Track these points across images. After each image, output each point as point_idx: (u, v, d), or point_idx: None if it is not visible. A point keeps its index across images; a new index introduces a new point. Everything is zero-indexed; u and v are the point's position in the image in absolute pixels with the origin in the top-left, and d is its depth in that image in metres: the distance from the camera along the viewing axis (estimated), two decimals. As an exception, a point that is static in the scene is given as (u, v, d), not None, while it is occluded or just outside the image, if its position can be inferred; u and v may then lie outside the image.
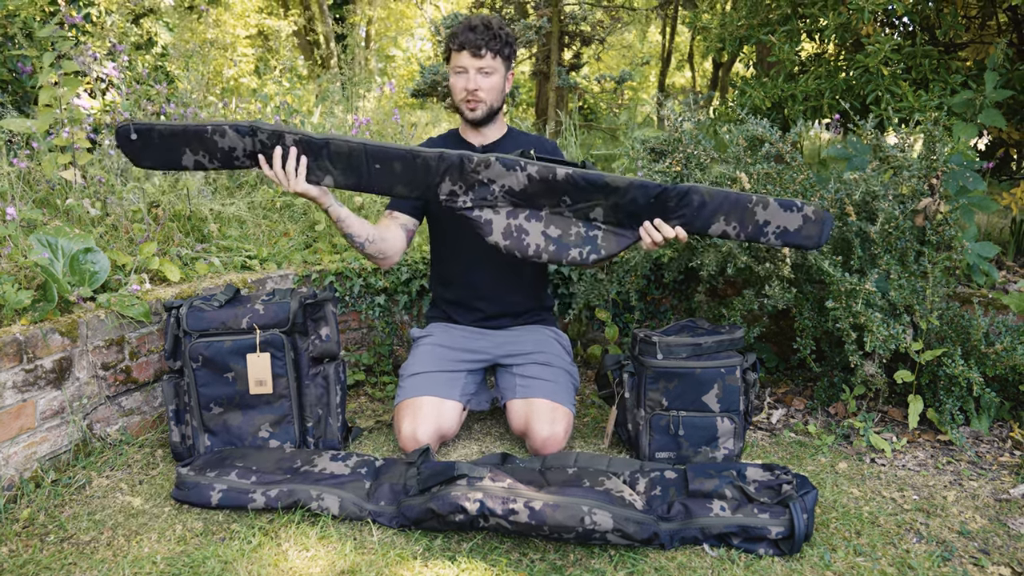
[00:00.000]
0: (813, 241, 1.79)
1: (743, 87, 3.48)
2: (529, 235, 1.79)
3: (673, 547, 1.62)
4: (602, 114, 10.86)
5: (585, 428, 2.35)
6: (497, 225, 1.79)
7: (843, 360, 2.41)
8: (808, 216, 1.77)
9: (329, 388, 2.08)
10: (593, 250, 1.79)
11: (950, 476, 2.00)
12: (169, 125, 1.74)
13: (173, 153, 1.76)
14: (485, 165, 1.76)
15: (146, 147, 1.75)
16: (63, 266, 2.02)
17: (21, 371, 1.80)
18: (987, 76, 2.65)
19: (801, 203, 1.78)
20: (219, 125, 1.73)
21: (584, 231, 1.79)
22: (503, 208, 1.80)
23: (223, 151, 1.75)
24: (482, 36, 2.05)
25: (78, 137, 2.47)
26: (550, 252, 1.79)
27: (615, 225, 1.79)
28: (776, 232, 1.78)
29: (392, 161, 1.76)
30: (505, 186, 1.77)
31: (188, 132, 1.73)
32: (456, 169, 1.76)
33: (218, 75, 7.98)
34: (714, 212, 1.77)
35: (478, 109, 2.12)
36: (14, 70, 3.55)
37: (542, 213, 1.80)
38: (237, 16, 13.43)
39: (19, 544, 1.63)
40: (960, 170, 2.37)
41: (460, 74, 2.09)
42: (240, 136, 1.73)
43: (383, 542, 1.64)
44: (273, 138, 1.73)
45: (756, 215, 1.76)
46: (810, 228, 1.78)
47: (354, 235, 1.94)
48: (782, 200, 1.77)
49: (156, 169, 1.84)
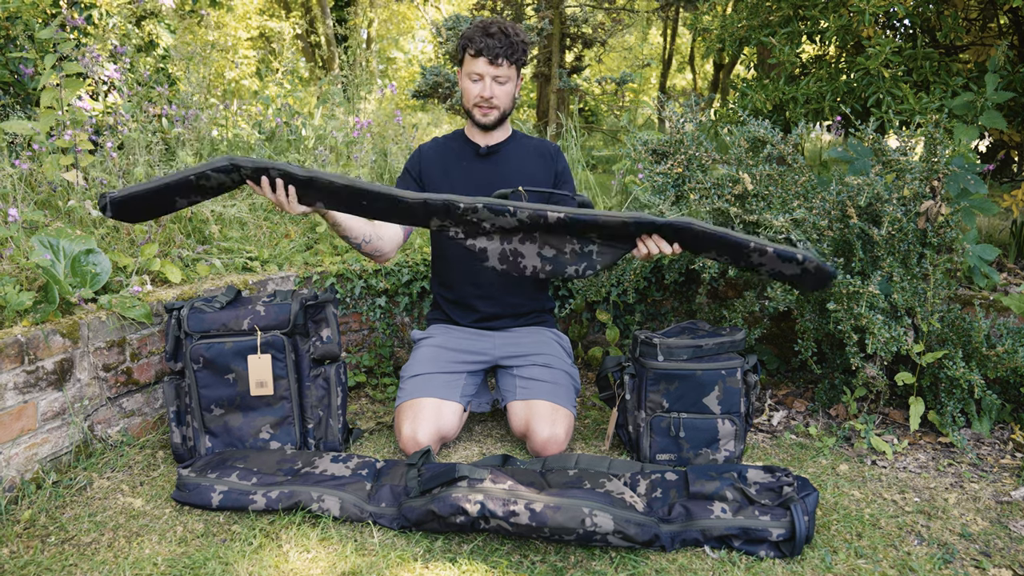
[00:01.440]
0: (807, 288, 1.77)
1: (744, 89, 3.48)
2: (525, 258, 1.77)
3: (674, 549, 1.62)
4: (603, 116, 10.86)
5: (586, 430, 2.35)
6: (492, 252, 1.77)
7: (844, 362, 2.41)
8: (808, 270, 1.71)
9: (330, 390, 2.08)
10: (589, 266, 1.77)
11: (951, 478, 2.00)
12: (148, 186, 1.68)
13: (163, 205, 1.73)
14: (472, 211, 1.71)
15: (134, 210, 1.72)
16: (64, 267, 2.02)
17: (22, 372, 1.80)
18: (988, 78, 2.65)
19: (803, 256, 1.69)
20: (200, 171, 1.66)
21: (579, 247, 1.77)
22: (496, 235, 1.77)
23: (212, 188, 1.72)
24: (500, 44, 2.04)
25: (80, 139, 2.48)
26: (547, 271, 1.78)
27: (610, 240, 1.77)
28: (770, 273, 1.75)
29: (377, 201, 1.72)
30: (496, 225, 1.74)
31: (171, 186, 1.68)
32: (442, 213, 1.72)
33: (219, 77, 8.00)
34: (708, 248, 1.75)
35: (491, 115, 2.12)
36: (16, 72, 3.55)
37: (536, 234, 1.77)
38: (238, 18, 13.45)
39: (20, 545, 1.63)
40: (961, 172, 2.37)
41: (476, 81, 2.09)
42: (226, 175, 1.69)
43: (384, 544, 1.64)
44: (256, 174, 1.70)
45: (751, 258, 1.72)
46: (806, 280, 1.74)
47: (351, 236, 1.96)
48: (782, 250, 1.69)
49: (153, 219, 1.83)
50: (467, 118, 2.20)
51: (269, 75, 6.58)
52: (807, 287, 1.77)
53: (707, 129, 3.77)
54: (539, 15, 8.72)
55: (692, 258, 2.47)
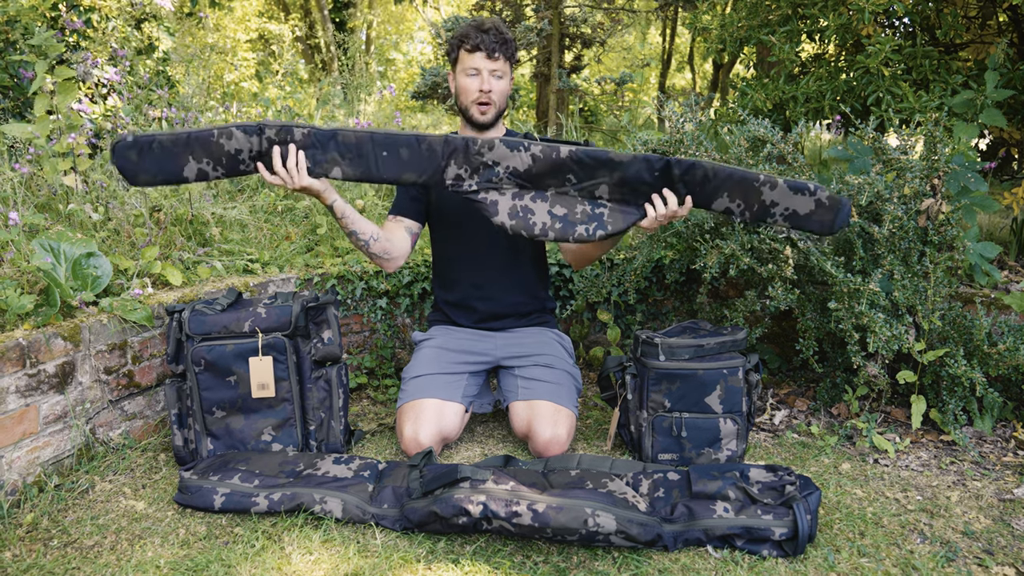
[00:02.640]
0: (826, 228, 1.73)
1: (744, 88, 3.48)
2: (535, 214, 1.81)
3: (677, 549, 1.62)
4: (603, 116, 10.87)
5: (587, 430, 2.35)
6: (503, 206, 1.81)
7: (846, 361, 2.41)
8: (822, 201, 1.71)
9: (331, 391, 2.08)
10: (600, 226, 1.80)
11: (953, 476, 2.00)
12: (171, 133, 1.68)
13: (174, 164, 1.69)
14: (489, 147, 1.78)
15: (144, 161, 1.68)
16: (65, 271, 2.02)
17: (24, 376, 1.80)
18: (988, 76, 2.65)
19: (815, 186, 1.70)
20: (225, 127, 1.70)
21: (590, 209, 1.80)
22: (508, 190, 1.81)
23: (229, 155, 1.72)
24: (495, 39, 2.05)
25: (79, 143, 2.48)
26: (556, 230, 1.80)
27: (620, 202, 1.80)
28: (784, 214, 1.73)
29: (399, 147, 1.77)
30: (510, 167, 1.79)
31: (192, 138, 1.69)
32: (461, 152, 1.78)
33: (219, 79, 8.00)
34: (718, 188, 1.74)
35: (488, 112, 2.11)
36: (15, 76, 3.55)
37: (547, 193, 1.81)
38: (238, 20, 13.46)
39: (23, 549, 1.63)
40: (961, 170, 2.37)
41: (473, 76, 2.08)
42: (247, 136, 1.71)
43: (386, 545, 1.64)
44: (282, 133, 1.72)
45: (762, 195, 1.72)
46: (823, 214, 1.72)
47: (358, 232, 1.94)
48: (792, 182, 1.71)
49: (154, 185, 1.73)
50: (462, 118, 2.18)
51: (269, 77, 6.58)
52: (825, 226, 1.73)
53: (707, 129, 3.77)
54: (538, 15, 8.72)
55: (693, 258, 2.47)
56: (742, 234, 2.22)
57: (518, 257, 2.23)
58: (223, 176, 1.76)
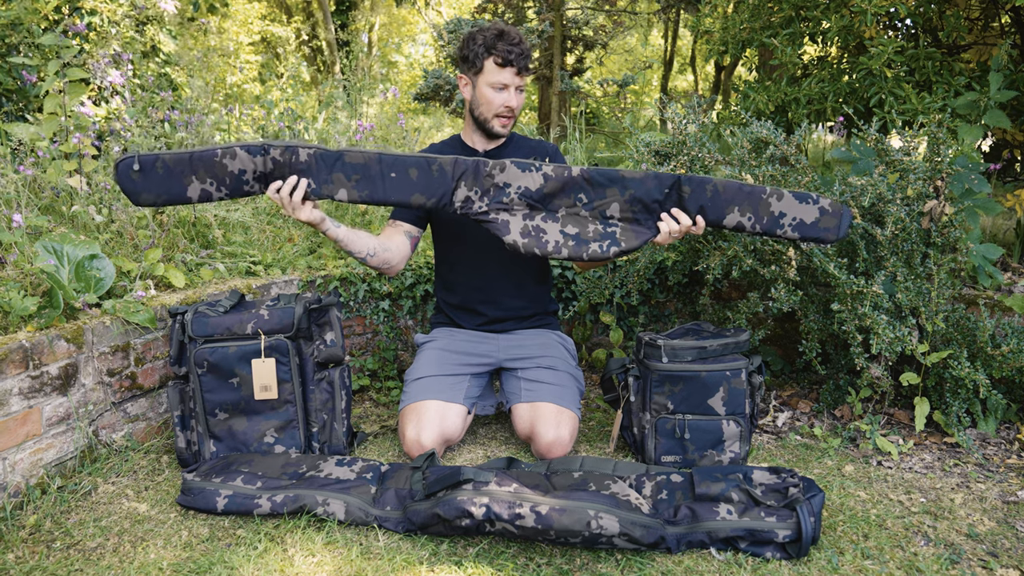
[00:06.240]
0: (832, 234, 1.80)
1: (746, 90, 3.48)
2: (547, 233, 1.81)
3: (680, 551, 1.61)
4: (605, 118, 10.87)
5: (590, 432, 2.35)
6: (514, 226, 1.81)
7: (849, 363, 2.41)
8: (824, 208, 1.78)
9: (334, 393, 2.08)
10: (613, 243, 1.81)
11: (957, 478, 1.99)
12: (175, 153, 1.68)
13: (177, 184, 1.70)
14: (500, 169, 1.78)
15: (148, 181, 1.68)
16: (69, 273, 2.02)
17: (27, 378, 1.80)
18: (991, 77, 2.65)
19: (816, 196, 1.79)
20: (229, 147, 1.69)
21: (602, 228, 1.81)
22: (519, 211, 1.81)
23: (233, 175, 1.72)
24: (524, 55, 2.04)
25: (85, 143, 2.48)
26: (569, 247, 1.81)
27: (632, 221, 1.81)
28: (792, 224, 1.79)
29: (408, 168, 1.76)
30: (521, 187, 1.79)
31: (195, 158, 1.68)
32: (471, 173, 1.78)
33: (222, 82, 8.01)
34: (728, 203, 1.78)
35: (508, 126, 2.13)
36: (18, 78, 3.56)
37: (559, 214, 1.82)
38: (240, 23, 13.49)
39: (26, 550, 1.63)
40: (965, 172, 2.37)
41: (500, 90, 2.06)
42: (252, 156, 1.71)
43: (389, 547, 1.64)
44: (287, 153, 1.71)
45: (771, 206, 1.78)
46: (827, 221, 1.79)
47: (355, 252, 1.95)
48: (796, 192, 1.79)
49: (157, 205, 1.74)
50: (474, 125, 2.15)
51: (272, 80, 6.59)
52: (830, 232, 1.80)
53: (710, 130, 3.77)
54: (540, 17, 8.73)
55: (695, 259, 2.47)
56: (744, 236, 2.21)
57: (520, 260, 2.23)
58: (227, 197, 1.75)
